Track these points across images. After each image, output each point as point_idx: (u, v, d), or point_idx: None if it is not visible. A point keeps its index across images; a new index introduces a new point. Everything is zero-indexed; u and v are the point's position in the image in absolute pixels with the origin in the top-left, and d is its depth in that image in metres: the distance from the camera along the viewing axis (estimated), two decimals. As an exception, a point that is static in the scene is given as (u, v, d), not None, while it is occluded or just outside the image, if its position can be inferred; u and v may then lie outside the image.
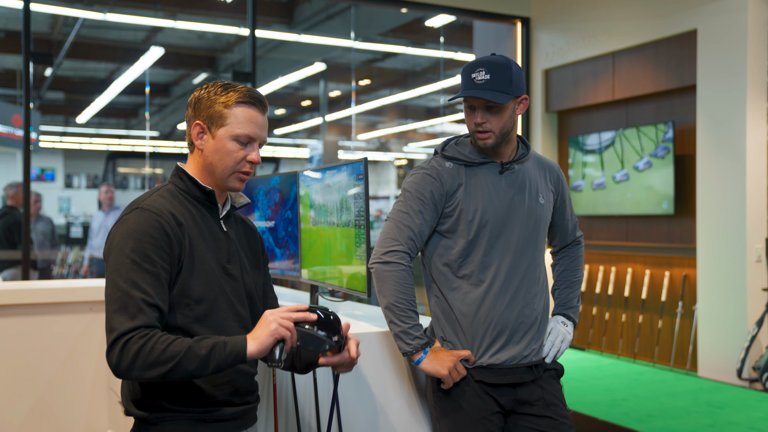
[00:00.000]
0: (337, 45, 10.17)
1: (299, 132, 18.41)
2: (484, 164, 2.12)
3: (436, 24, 8.40)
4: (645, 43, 6.21)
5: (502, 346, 2.06)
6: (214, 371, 1.51)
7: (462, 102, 2.09)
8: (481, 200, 2.09)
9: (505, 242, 2.09)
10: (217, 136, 1.67)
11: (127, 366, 1.47)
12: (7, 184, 6.68)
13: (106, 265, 1.60)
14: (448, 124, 17.80)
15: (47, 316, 3.08)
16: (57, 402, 3.06)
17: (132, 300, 1.51)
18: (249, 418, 1.73)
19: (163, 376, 1.48)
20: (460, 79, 2.11)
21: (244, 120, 1.67)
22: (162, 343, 1.48)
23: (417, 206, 2.09)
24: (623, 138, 6.38)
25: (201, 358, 1.49)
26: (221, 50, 11.83)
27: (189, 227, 1.63)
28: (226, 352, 1.50)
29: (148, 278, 1.54)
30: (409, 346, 2.00)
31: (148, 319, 1.51)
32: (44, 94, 14.40)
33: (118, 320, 1.50)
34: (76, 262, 10.20)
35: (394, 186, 25.46)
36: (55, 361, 3.07)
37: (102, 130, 18.52)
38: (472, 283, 2.07)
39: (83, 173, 21.65)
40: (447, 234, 2.11)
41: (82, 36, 10.33)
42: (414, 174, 2.15)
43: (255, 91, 1.70)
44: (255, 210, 3.00)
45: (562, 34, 7.06)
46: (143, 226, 1.57)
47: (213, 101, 1.68)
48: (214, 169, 1.69)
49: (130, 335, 1.48)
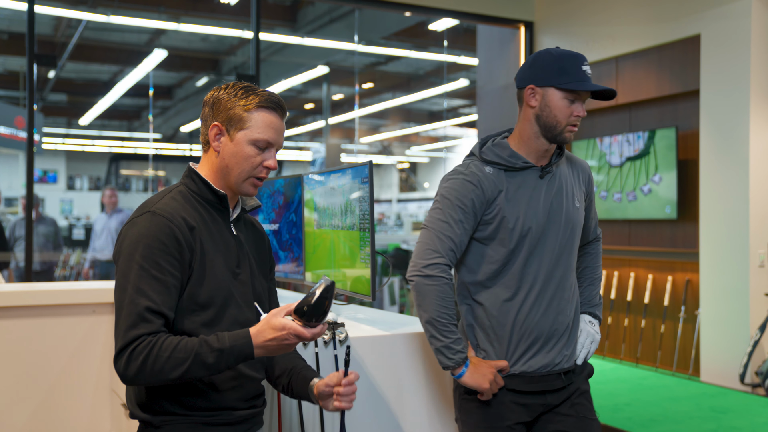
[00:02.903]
0: (341, 48, 10.18)
1: (302, 135, 18.43)
2: (525, 169, 2.04)
3: (439, 28, 8.40)
4: (648, 48, 6.21)
5: (535, 353, 2.01)
6: (222, 372, 1.54)
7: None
8: (523, 207, 2.02)
9: (543, 249, 2.03)
10: (236, 139, 1.66)
11: (135, 374, 1.49)
12: None
13: (116, 267, 1.60)
14: (451, 128, 17.81)
15: (50, 318, 3.07)
16: (60, 404, 3.06)
17: (137, 308, 1.51)
18: (255, 422, 1.72)
19: (172, 382, 1.50)
20: (564, 68, 2.00)
21: (264, 125, 1.65)
22: (166, 350, 1.49)
23: (458, 215, 2.00)
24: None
25: (208, 366, 1.50)
26: (224, 53, 11.85)
27: (200, 231, 1.63)
28: (233, 358, 1.51)
29: (155, 285, 1.53)
30: (451, 360, 1.95)
31: (152, 326, 1.51)
32: (47, 95, 14.42)
33: (124, 327, 1.51)
34: (78, 264, 10.20)
35: (396, 189, 25.47)
36: (58, 363, 3.06)
37: (105, 132, 18.54)
38: (510, 292, 2.01)
39: (85, 175, 21.67)
40: (485, 241, 2.04)
41: (86, 38, 10.35)
42: (452, 179, 2.05)
43: (275, 95, 1.69)
44: (259, 212, 3.00)
45: (565, 39, 7.06)
46: (154, 232, 1.56)
47: (233, 103, 1.66)
48: (230, 172, 1.67)
49: (135, 344, 1.50)
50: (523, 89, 2.05)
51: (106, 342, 3.15)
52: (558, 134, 2.02)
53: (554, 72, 2.01)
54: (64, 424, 3.06)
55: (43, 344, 3.04)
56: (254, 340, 1.51)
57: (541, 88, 2.01)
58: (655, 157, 6.19)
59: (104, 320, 3.13)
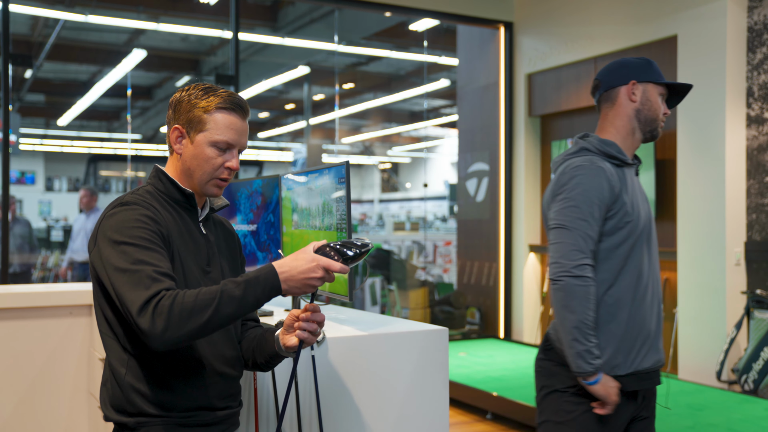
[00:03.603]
0: (321, 48, 10.17)
1: (283, 135, 18.38)
2: (629, 166, 2.10)
3: (419, 28, 8.42)
4: (626, 48, 6.26)
5: (647, 351, 2.05)
6: (254, 308, 1.47)
7: None
8: (635, 204, 2.05)
9: (651, 246, 2.08)
10: (196, 141, 1.65)
11: (164, 326, 1.40)
12: None
13: (99, 263, 1.54)
14: (432, 128, 17.86)
15: (27, 320, 3.05)
16: (37, 407, 3.03)
17: (143, 273, 1.46)
18: (232, 422, 1.72)
19: (203, 327, 1.42)
20: (653, 68, 2.13)
21: (223, 126, 1.64)
22: (189, 296, 1.42)
23: (595, 212, 1.99)
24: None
25: (237, 299, 1.44)
26: (204, 53, 11.79)
27: (170, 230, 1.62)
28: (260, 286, 1.45)
29: (152, 254, 1.50)
30: (591, 366, 1.94)
31: (165, 284, 1.46)
32: (24, 96, 14.27)
33: (136, 294, 1.43)
34: (57, 266, 10.11)
35: (378, 190, 25.47)
36: (35, 366, 3.04)
37: (83, 133, 18.38)
38: (629, 291, 2.03)
39: (64, 176, 21.46)
40: (604, 238, 2.03)
41: (63, 38, 10.25)
42: (581, 175, 2.02)
43: (236, 95, 1.68)
44: (237, 213, 2.99)
45: (545, 39, 7.11)
46: (134, 216, 1.55)
47: (193, 105, 1.65)
48: (192, 174, 1.67)
49: (156, 300, 1.42)
50: (615, 88, 2.14)
51: (83, 344, 3.12)
52: (655, 129, 2.13)
53: (648, 70, 2.13)
54: (42, 427, 3.03)
55: (20, 346, 3.02)
56: (278, 269, 1.48)
57: (641, 84, 2.11)
58: None
59: (81, 322, 3.11)
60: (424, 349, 2.30)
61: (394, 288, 8.36)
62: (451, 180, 18.03)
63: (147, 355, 1.59)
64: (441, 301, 8.07)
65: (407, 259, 9.67)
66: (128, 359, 1.59)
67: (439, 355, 2.33)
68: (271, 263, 1.50)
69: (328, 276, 1.50)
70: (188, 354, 1.61)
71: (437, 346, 2.33)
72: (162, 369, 1.59)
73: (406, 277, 8.51)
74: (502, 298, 7.46)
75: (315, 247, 1.51)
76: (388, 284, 8.57)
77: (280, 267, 1.48)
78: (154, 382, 1.58)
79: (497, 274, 7.53)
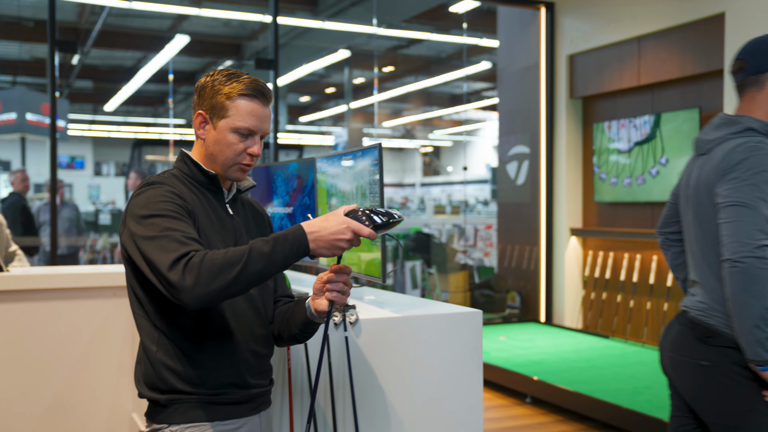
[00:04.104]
0: (361, 32, 10.15)
1: (324, 119, 18.45)
2: None
3: (460, 10, 8.35)
4: (671, 27, 6.11)
5: None
6: (283, 266, 1.48)
7: None
8: None
9: None
10: (219, 127, 1.68)
11: (194, 281, 1.41)
12: (10, 171, 6.89)
13: (128, 240, 1.56)
14: (474, 111, 17.72)
15: (73, 300, 3.14)
16: (83, 385, 3.13)
17: (171, 237, 1.48)
18: (262, 401, 1.74)
19: (232, 283, 1.42)
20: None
21: (245, 112, 1.66)
22: (219, 254, 1.43)
23: None
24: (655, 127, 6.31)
25: (266, 256, 1.44)
26: (246, 38, 11.88)
27: (194, 208, 1.64)
28: (288, 244, 1.46)
29: (178, 222, 1.53)
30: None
31: (195, 246, 1.48)
32: (73, 82, 14.59)
33: (166, 255, 1.45)
34: (105, 249, 10.37)
35: (419, 173, 25.42)
36: (81, 343, 3.13)
37: (129, 118, 18.73)
38: None
39: (112, 161, 21.94)
40: None
41: (109, 24, 10.44)
42: (757, 155, 2.00)
43: (259, 82, 1.70)
44: (274, 196, 3.02)
45: (587, 19, 6.98)
46: (157, 193, 1.59)
47: (216, 91, 1.68)
48: (215, 159, 1.70)
49: (187, 258, 1.44)
50: (765, 73, 2.13)
51: (126, 323, 3.21)
52: None
53: None
54: (88, 403, 3.13)
55: (67, 326, 3.12)
56: (307, 230, 1.49)
57: None
58: (662, 140, 6.18)
59: (125, 303, 3.19)
60: (457, 332, 2.30)
61: (434, 271, 8.37)
62: (493, 163, 17.89)
63: (177, 332, 1.63)
64: (481, 284, 8.05)
65: (447, 242, 9.66)
66: (159, 337, 1.63)
67: (473, 338, 2.32)
68: (300, 224, 1.52)
69: (356, 240, 1.51)
70: (218, 331, 1.64)
71: (471, 328, 2.32)
72: (192, 346, 1.62)
73: (446, 261, 8.50)
74: (543, 281, 7.40)
75: (346, 210, 1.53)
76: (428, 267, 8.57)
77: (309, 227, 1.50)
78: (184, 359, 1.62)
79: (538, 258, 7.47)
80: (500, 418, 4.87)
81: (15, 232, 6.51)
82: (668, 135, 6.17)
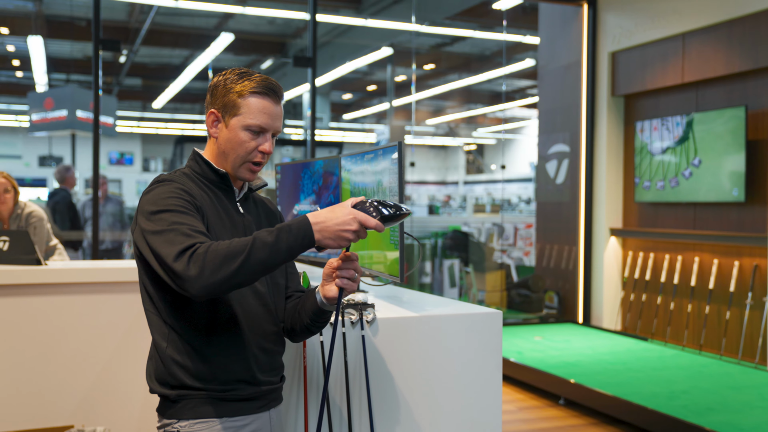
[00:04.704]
0: (404, 29, 10.15)
1: (367, 117, 18.49)
2: None
3: (502, 7, 8.27)
4: (717, 23, 5.96)
5: None
6: (288, 256, 1.47)
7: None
8: None
9: None
10: (230, 125, 1.70)
11: (198, 271, 1.43)
12: (56, 167, 7.08)
13: (139, 236, 1.59)
14: (517, 109, 17.54)
15: (107, 294, 3.22)
16: (118, 375, 3.21)
17: (178, 231, 1.50)
18: (272, 398, 1.75)
19: (237, 272, 1.43)
20: None
21: (256, 110, 1.68)
22: (223, 244, 1.44)
23: None
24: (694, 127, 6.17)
25: (270, 245, 1.44)
26: (290, 36, 11.97)
27: (203, 206, 1.67)
28: (293, 234, 1.46)
29: (186, 217, 1.55)
30: None
31: (201, 239, 1.50)
32: (123, 80, 14.92)
33: (173, 247, 1.47)
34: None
35: (462, 171, 25.28)
36: (115, 337, 3.21)
37: (176, 116, 19.06)
38: None
39: (159, 157, 22.38)
40: None
41: (157, 23, 10.64)
42: None
43: (270, 80, 1.71)
44: (300, 193, 3.05)
45: (629, 16, 6.85)
46: (165, 189, 1.62)
47: (228, 90, 1.70)
48: (227, 157, 1.72)
49: (193, 249, 1.45)
50: None
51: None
52: None
53: None
54: (123, 393, 3.21)
55: (103, 318, 3.20)
56: (313, 220, 1.49)
57: None
58: (694, 141, 6.06)
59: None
60: (477, 332, 2.29)
61: (470, 270, 8.32)
62: (536, 162, 17.68)
63: (187, 328, 1.65)
64: (518, 284, 7.98)
65: (486, 241, 9.60)
66: (169, 333, 1.66)
67: (492, 339, 2.31)
68: (306, 215, 1.52)
69: (363, 231, 1.51)
70: (227, 328, 1.66)
71: (490, 329, 2.31)
72: (201, 342, 1.65)
73: (483, 260, 8.45)
74: (582, 282, 7.30)
75: (353, 202, 1.53)
76: (465, 266, 8.53)
77: (315, 218, 1.50)
78: (193, 354, 1.64)
79: (576, 258, 7.37)
80: (533, 419, 4.82)
81: (62, 226, 6.70)
82: (701, 136, 6.06)
